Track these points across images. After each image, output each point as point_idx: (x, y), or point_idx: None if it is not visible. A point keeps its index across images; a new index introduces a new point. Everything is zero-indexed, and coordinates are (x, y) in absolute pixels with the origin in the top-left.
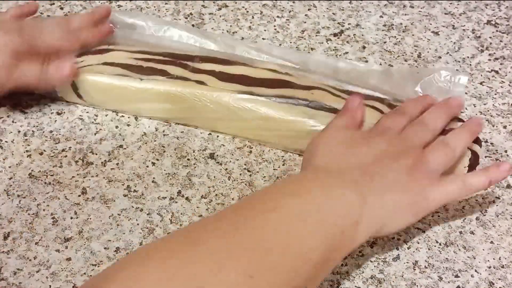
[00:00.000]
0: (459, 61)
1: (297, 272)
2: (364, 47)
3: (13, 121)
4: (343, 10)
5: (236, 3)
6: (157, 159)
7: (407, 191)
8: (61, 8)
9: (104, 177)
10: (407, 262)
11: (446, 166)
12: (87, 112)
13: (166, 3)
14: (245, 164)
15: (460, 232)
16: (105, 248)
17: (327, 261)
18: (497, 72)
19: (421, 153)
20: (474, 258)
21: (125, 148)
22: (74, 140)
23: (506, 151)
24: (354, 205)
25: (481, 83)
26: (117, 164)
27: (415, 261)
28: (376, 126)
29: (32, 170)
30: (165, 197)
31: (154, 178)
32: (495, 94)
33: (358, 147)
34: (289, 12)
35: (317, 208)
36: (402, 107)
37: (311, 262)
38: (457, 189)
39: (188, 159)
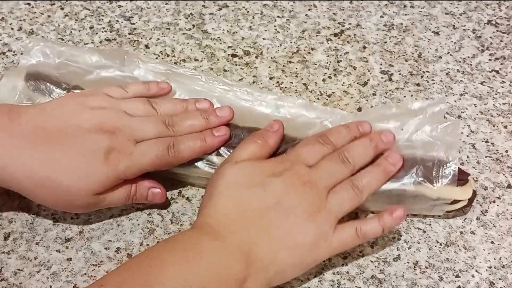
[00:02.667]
0: (459, 61)
1: None
2: (364, 47)
3: None
4: (343, 10)
5: (236, 3)
6: None
7: (299, 247)
8: (62, 9)
9: None
10: (408, 262)
11: (348, 212)
12: None
13: (166, 3)
14: None
15: (461, 232)
16: (105, 248)
17: None
18: (497, 72)
19: (324, 198)
20: (475, 258)
21: None
22: None
23: (506, 151)
24: (237, 271)
25: (481, 83)
26: None
27: (416, 261)
28: (287, 155)
29: None
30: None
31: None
32: (496, 94)
33: (255, 189)
34: (290, 12)
35: (200, 278)
36: (328, 134)
37: None
38: (352, 238)
39: None
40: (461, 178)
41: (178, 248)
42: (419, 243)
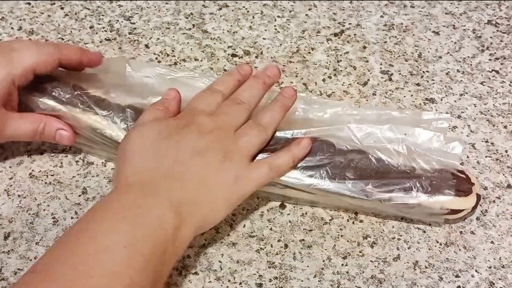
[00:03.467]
0: (459, 61)
1: None
2: (364, 47)
3: None
4: (343, 10)
5: (236, 3)
6: None
7: (221, 187)
8: (62, 8)
9: (104, 177)
10: (408, 262)
11: (258, 148)
12: None
13: (166, 3)
14: None
15: (461, 232)
16: None
17: (158, 272)
18: (497, 72)
19: (233, 139)
20: (475, 258)
21: None
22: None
23: (506, 151)
24: (169, 219)
25: (481, 83)
26: None
27: (416, 261)
28: (187, 109)
29: (32, 170)
30: None
31: None
32: (496, 94)
33: (168, 142)
34: (290, 12)
35: (135, 236)
36: (214, 84)
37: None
38: (266, 173)
39: None
40: (463, 189)
41: (109, 214)
42: (419, 243)
